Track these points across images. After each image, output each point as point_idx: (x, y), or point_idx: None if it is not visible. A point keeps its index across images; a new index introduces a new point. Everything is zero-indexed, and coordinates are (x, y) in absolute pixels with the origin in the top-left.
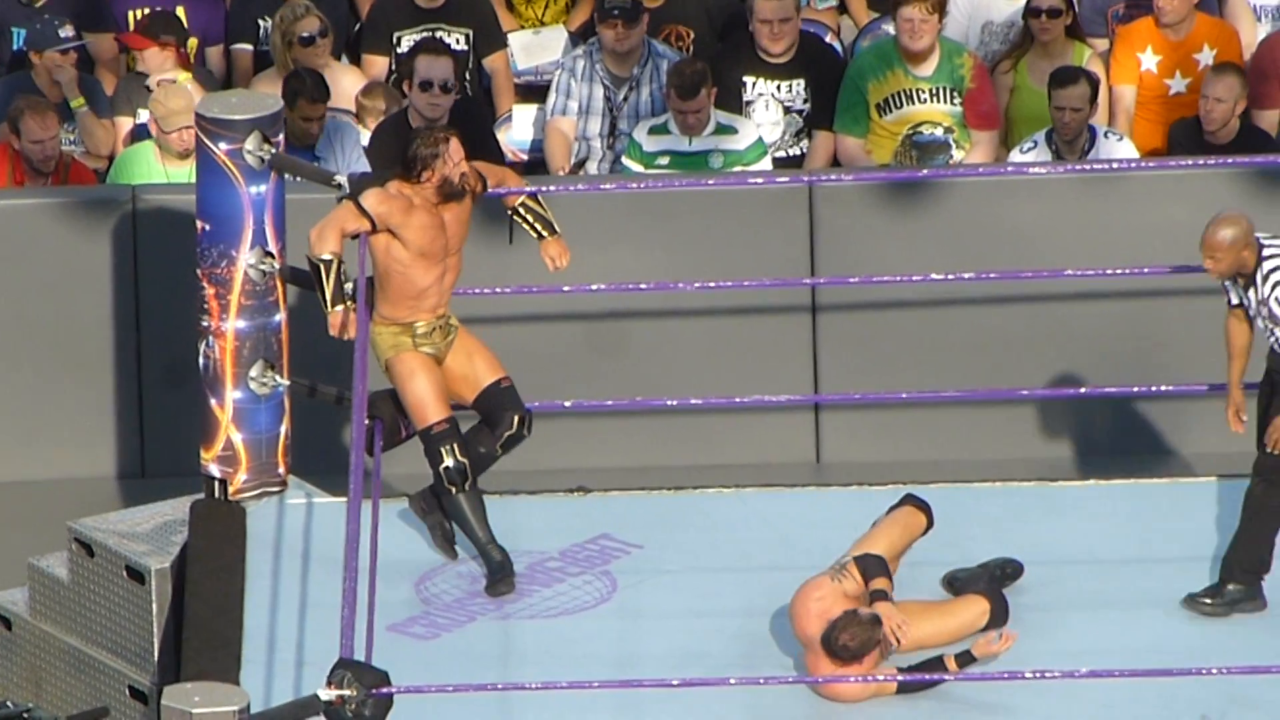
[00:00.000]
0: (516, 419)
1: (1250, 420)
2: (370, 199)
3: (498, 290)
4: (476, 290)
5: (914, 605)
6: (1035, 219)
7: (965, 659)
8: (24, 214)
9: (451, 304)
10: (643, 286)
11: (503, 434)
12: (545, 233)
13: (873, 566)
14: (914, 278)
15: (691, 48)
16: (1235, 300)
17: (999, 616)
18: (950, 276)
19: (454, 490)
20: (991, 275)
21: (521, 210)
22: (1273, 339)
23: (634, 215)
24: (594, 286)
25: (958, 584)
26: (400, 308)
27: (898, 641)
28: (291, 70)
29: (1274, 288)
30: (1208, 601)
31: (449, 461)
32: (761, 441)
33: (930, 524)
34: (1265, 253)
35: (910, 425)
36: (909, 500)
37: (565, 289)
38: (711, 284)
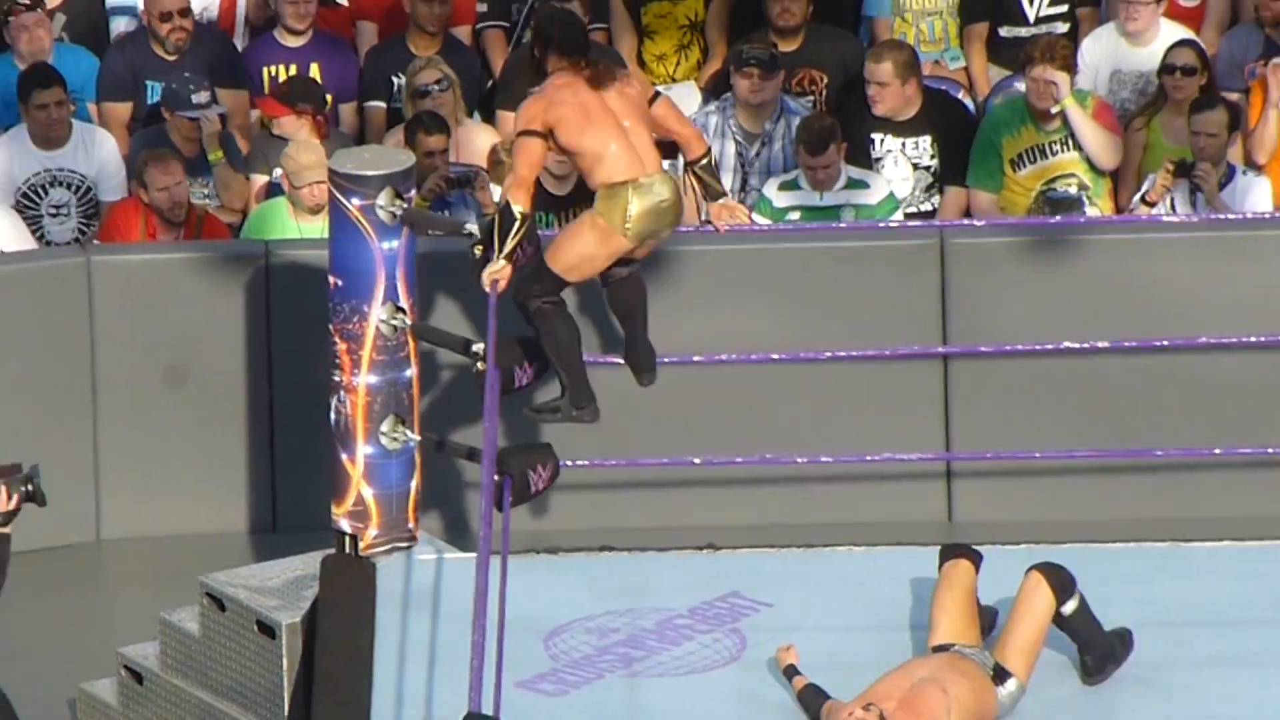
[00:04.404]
0: None
1: None
2: (531, 114)
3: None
4: (612, 359)
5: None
6: (1172, 273)
7: None
8: (159, 268)
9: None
10: (773, 357)
11: None
12: (719, 191)
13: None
14: (1046, 346)
15: (824, 93)
16: None
17: (1066, 585)
18: (1085, 345)
19: None
20: (1127, 344)
21: (699, 171)
22: None
23: (764, 271)
24: (723, 356)
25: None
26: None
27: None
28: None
29: None
30: None
31: None
32: (893, 499)
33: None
34: None
35: (1043, 484)
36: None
37: (695, 359)
38: (841, 353)
